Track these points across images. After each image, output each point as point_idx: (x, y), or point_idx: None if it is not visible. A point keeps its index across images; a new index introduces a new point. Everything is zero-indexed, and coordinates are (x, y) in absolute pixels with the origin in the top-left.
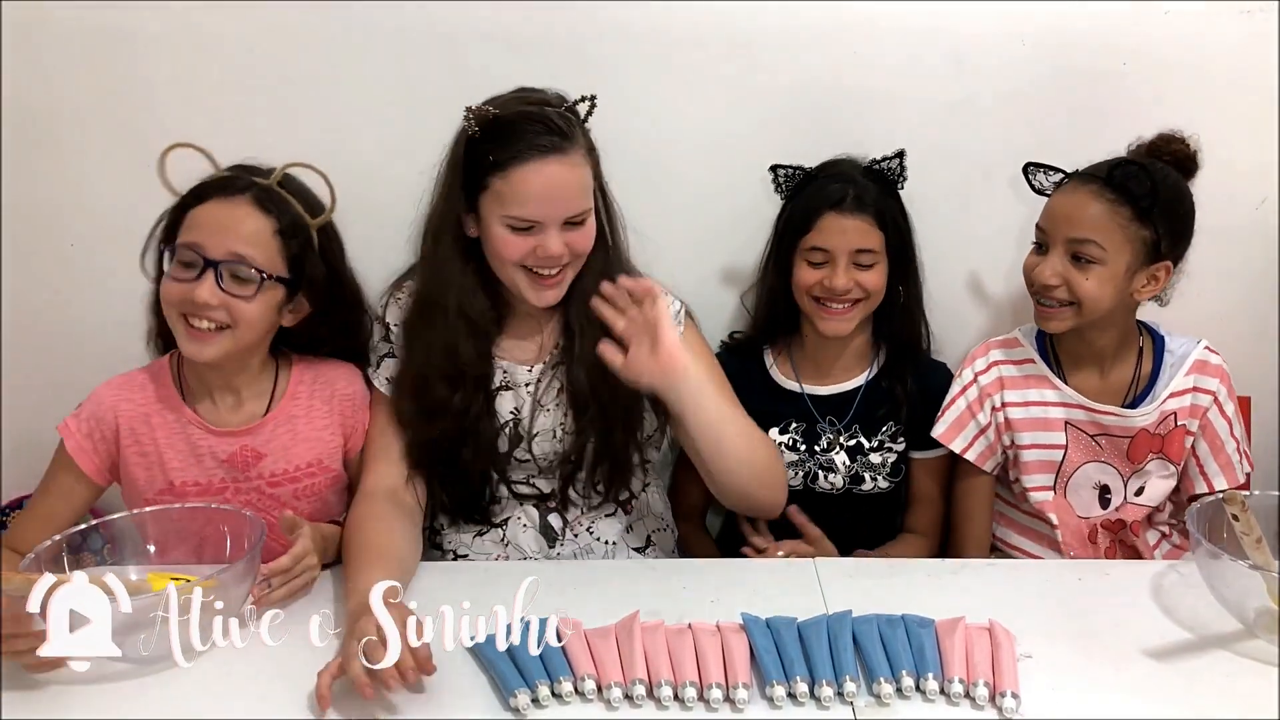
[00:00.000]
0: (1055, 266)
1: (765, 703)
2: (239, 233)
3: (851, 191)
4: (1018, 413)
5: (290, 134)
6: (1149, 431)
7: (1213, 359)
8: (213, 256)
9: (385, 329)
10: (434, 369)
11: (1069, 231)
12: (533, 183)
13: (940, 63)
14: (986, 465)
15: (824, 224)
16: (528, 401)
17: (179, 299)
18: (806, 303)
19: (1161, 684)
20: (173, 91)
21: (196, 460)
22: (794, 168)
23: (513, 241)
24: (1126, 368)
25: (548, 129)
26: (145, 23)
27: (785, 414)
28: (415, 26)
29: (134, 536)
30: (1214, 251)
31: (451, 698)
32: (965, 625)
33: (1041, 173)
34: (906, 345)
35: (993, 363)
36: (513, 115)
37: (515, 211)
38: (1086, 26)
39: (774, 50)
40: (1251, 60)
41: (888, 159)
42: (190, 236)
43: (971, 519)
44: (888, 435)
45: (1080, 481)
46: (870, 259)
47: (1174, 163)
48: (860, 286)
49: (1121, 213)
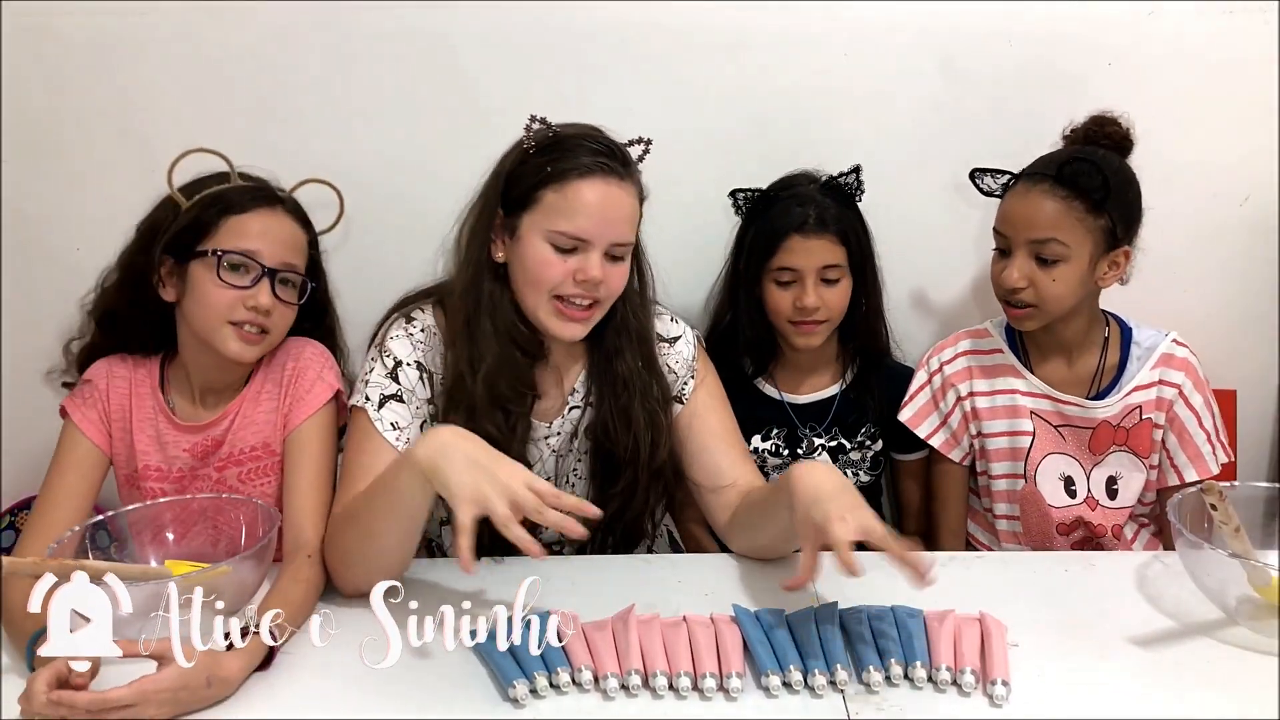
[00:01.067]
0: (1021, 269)
1: (760, 692)
2: (289, 243)
3: (814, 213)
4: (984, 402)
5: (289, 140)
6: (1111, 424)
7: (1179, 352)
8: (270, 265)
9: (395, 364)
10: (495, 395)
11: (1029, 233)
12: (590, 198)
13: (928, 64)
14: (952, 454)
15: (790, 245)
16: (549, 458)
17: (231, 304)
18: (782, 324)
19: (1146, 672)
20: (173, 98)
21: (161, 448)
22: (753, 191)
23: (553, 262)
24: (1092, 357)
25: (609, 151)
26: (146, 30)
27: (766, 420)
28: (413, 32)
29: (153, 526)
30: (1199, 247)
31: (450, 688)
32: (955, 616)
33: (989, 176)
34: (872, 352)
35: (960, 353)
36: (573, 134)
37: (566, 226)
38: (1071, 26)
39: (763, 52)
40: (1235, 59)
41: (844, 175)
42: (243, 244)
43: (945, 506)
44: (867, 436)
45: (1047, 472)
46: (836, 274)
47: (1112, 145)
48: (827, 306)
49: (1076, 207)
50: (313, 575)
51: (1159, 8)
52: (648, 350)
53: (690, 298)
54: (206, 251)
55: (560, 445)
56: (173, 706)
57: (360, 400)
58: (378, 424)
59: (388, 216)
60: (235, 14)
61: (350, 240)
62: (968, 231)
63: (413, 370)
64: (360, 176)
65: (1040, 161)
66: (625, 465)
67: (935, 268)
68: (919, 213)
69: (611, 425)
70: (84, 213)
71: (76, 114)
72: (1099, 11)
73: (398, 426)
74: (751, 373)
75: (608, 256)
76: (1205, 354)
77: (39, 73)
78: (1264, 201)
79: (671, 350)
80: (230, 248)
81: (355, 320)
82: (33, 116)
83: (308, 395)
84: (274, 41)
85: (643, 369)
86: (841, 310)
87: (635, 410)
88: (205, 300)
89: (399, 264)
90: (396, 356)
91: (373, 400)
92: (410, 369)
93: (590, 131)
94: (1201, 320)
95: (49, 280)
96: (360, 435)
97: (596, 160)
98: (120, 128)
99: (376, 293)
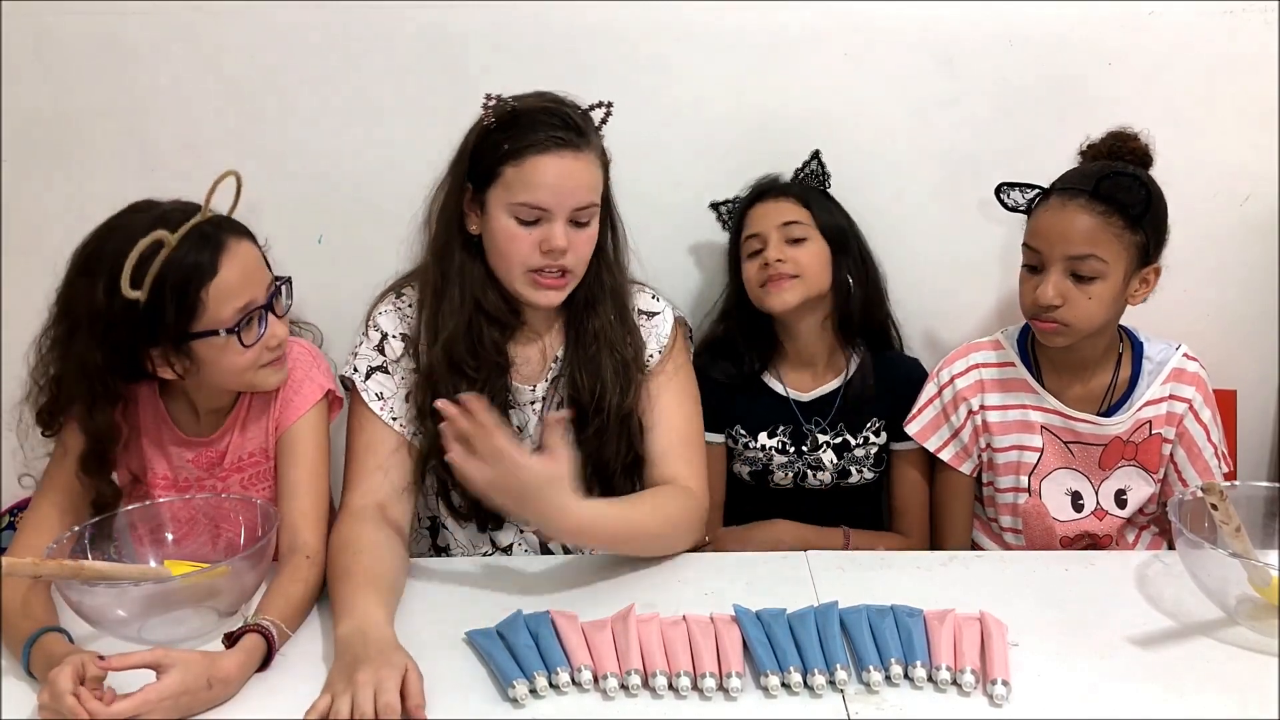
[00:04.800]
0: (1057, 286)
1: (760, 692)
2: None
3: (775, 184)
4: (996, 416)
5: (288, 140)
6: (1122, 439)
7: (1189, 366)
8: (263, 301)
9: (381, 337)
10: (454, 361)
11: (1066, 249)
12: (546, 171)
13: (929, 64)
14: (963, 467)
15: (752, 214)
16: (533, 420)
17: (252, 358)
18: (756, 292)
19: (1146, 672)
20: (173, 99)
21: (166, 458)
22: (732, 200)
23: (519, 235)
24: (1105, 375)
25: (565, 124)
26: (146, 30)
27: (772, 418)
28: (413, 31)
29: (153, 526)
30: (1199, 248)
31: (450, 688)
32: (955, 615)
33: (1016, 190)
34: (874, 343)
35: (972, 365)
36: (530, 109)
37: (524, 198)
38: (1072, 27)
39: (764, 52)
40: (1235, 59)
41: (806, 163)
42: (237, 302)
43: (952, 516)
44: (871, 431)
45: (1053, 486)
46: (800, 232)
47: (1135, 160)
48: (794, 262)
49: (1114, 223)
50: (311, 577)
51: (1159, 8)
52: (619, 304)
53: (688, 298)
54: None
55: (545, 409)
56: (175, 711)
57: (349, 371)
58: (364, 394)
59: (388, 216)
60: (235, 14)
61: (350, 240)
62: (965, 232)
63: (398, 342)
64: (360, 176)
65: (1072, 176)
66: (593, 413)
67: (932, 267)
68: (917, 213)
69: (579, 374)
70: (84, 213)
71: (76, 114)
72: (1099, 12)
73: (382, 397)
74: (756, 368)
75: (571, 223)
76: (1205, 354)
77: (39, 73)
78: (1264, 201)
79: (648, 324)
80: (228, 319)
81: (354, 319)
82: (33, 116)
83: (296, 397)
84: (274, 41)
85: (615, 322)
86: (815, 273)
87: (603, 359)
88: (235, 367)
89: (399, 263)
90: (383, 329)
91: (360, 371)
92: (395, 341)
93: (548, 104)
94: (1201, 320)
95: (49, 280)
96: (355, 410)
97: (552, 136)
98: (120, 128)
99: (375, 292)
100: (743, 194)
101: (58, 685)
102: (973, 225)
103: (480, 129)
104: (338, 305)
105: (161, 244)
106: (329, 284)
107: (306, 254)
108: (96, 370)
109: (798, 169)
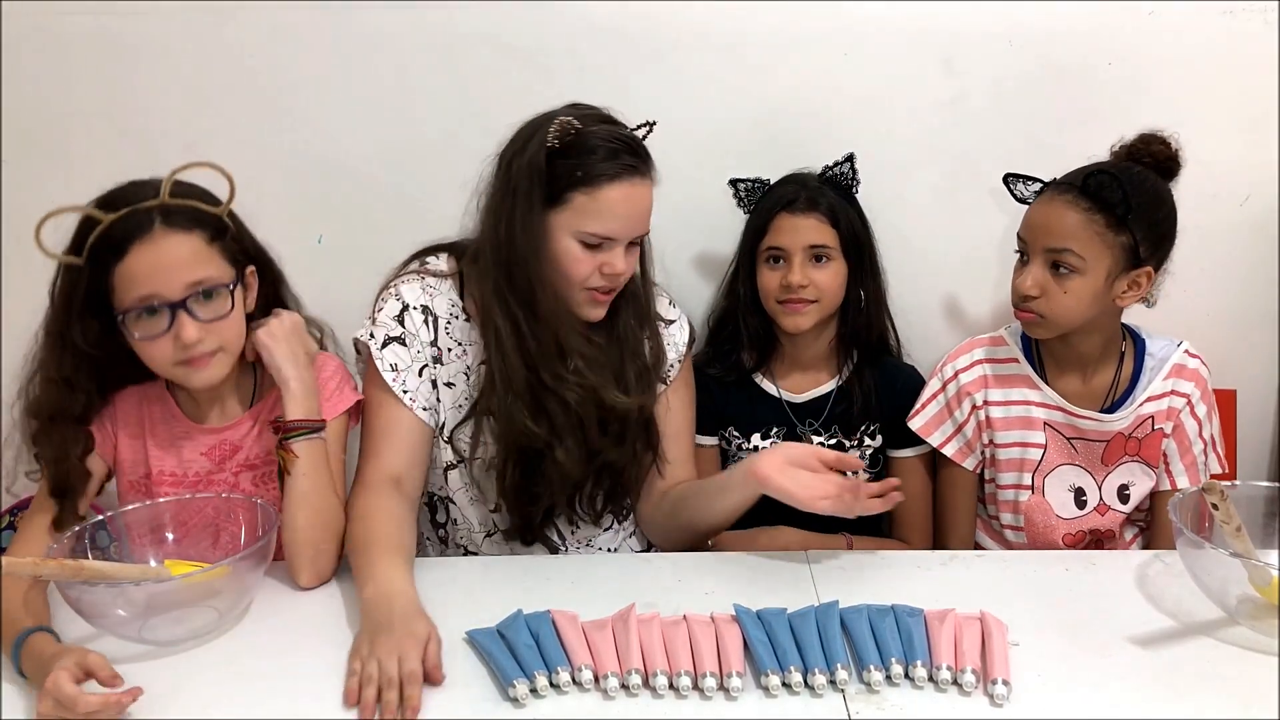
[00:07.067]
0: (1035, 276)
1: (760, 692)
2: (183, 262)
3: (804, 194)
4: (999, 411)
5: (289, 139)
6: (1124, 435)
7: (1190, 363)
8: (175, 298)
9: (403, 308)
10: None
11: (1046, 241)
12: (618, 202)
13: (929, 63)
14: (966, 463)
15: (778, 224)
16: None
17: (165, 352)
18: (771, 305)
19: (1146, 672)
20: (173, 98)
21: (176, 452)
22: (753, 180)
23: (582, 258)
24: (1108, 372)
25: (631, 150)
26: (146, 30)
27: (766, 419)
28: (411, 31)
29: (153, 526)
30: (1197, 248)
31: (451, 687)
32: (955, 615)
33: (1022, 183)
34: (872, 348)
35: (975, 361)
36: (598, 133)
37: (595, 228)
38: (1071, 26)
39: (765, 52)
40: (1235, 59)
41: (839, 164)
42: (140, 290)
43: (955, 514)
44: (866, 434)
45: (1056, 482)
46: (825, 254)
47: (1155, 164)
48: (815, 285)
49: (1097, 220)
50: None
51: (1159, 8)
52: (640, 308)
53: (688, 300)
54: (120, 316)
55: None
56: None
57: (365, 335)
58: (379, 362)
59: (388, 215)
60: (235, 14)
61: (350, 239)
62: (965, 231)
63: (418, 314)
64: (360, 176)
65: (1073, 172)
66: (612, 419)
67: (932, 267)
68: (918, 213)
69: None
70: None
71: (76, 114)
72: (1099, 12)
73: (396, 369)
74: (751, 367)
75: (628, 246)
76: (1205, 354)
77: (39, 73)
78: (1264, 201)
79: (666, 332)
80: (130, 302)
81: (355, 319)
82: (33, 116)
83: (324, 405)
84: (274, 41)
85: (636, 326)
86: (832, 294)
87: (626, 364)
88: (150, 357)
89: (392, 262)
90: (405, 300)
91: (377, 339)
92: (415, 313)
93: (609, 127)
94: (1201, 320)
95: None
96: (370, 379)
97: (622, 163)
98: (120, 128)
99: (373, 290)
100: (766, 179)
101: (63, 691)
102: (972, 224)
103: (544, 152)
104: (338, 305)
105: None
106: (329, 284)
107: (306, 254)
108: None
109: (827, 165)
